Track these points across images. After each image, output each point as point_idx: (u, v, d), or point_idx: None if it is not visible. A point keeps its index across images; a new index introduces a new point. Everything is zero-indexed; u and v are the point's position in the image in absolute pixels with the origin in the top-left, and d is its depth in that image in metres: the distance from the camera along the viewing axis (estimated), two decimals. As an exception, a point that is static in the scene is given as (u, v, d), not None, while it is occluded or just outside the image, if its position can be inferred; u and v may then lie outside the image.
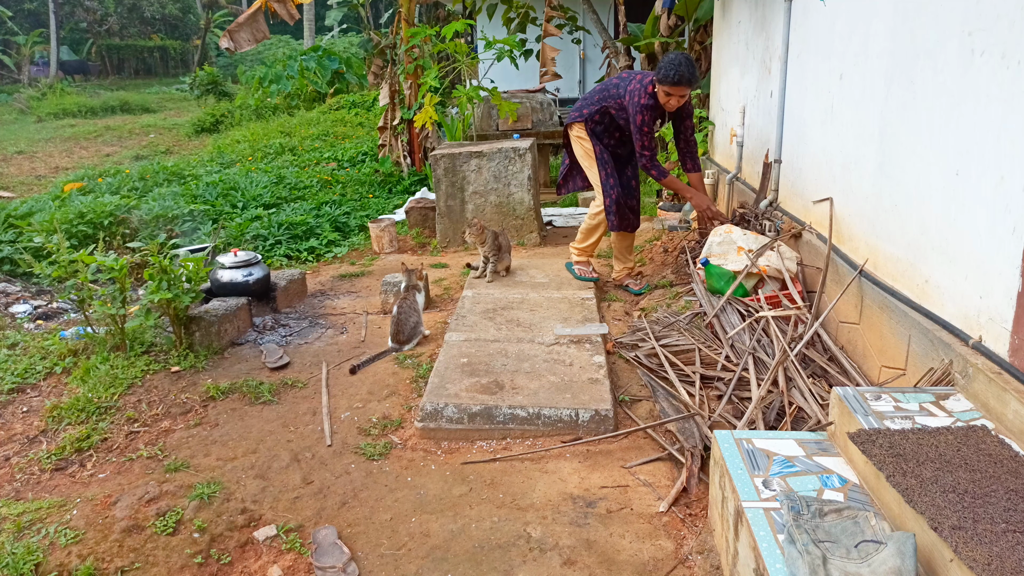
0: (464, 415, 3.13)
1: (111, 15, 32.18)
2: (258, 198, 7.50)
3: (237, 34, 6.92)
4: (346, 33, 27.16)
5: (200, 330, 3.97)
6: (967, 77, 2.36)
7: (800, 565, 1.68)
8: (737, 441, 2.32)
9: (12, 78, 27.70)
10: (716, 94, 6.24)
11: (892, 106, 2.88)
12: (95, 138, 14.67)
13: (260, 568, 2.41)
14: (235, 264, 4.52)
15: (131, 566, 2.35)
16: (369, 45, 20.34)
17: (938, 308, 2.54)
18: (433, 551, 2.44)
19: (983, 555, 1.54)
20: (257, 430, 3.23)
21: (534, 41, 8.35)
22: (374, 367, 3.84)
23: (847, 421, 2.23)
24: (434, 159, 6.01)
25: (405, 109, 8.12)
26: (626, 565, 2.34)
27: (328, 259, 6.16)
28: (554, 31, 7.60)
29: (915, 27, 2.70)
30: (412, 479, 2.86)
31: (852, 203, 3.29)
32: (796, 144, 4.11)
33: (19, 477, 2.87)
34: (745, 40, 5.15)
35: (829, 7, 3.57)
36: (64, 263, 3.77)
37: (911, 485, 1.80)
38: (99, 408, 3.31)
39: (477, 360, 3.56)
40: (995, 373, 2.15)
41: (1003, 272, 2.18)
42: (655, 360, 3.54)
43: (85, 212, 6.26)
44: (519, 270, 5.03)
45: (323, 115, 13.42)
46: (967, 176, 2.37)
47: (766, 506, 1.99)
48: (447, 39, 7.08)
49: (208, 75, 20.76)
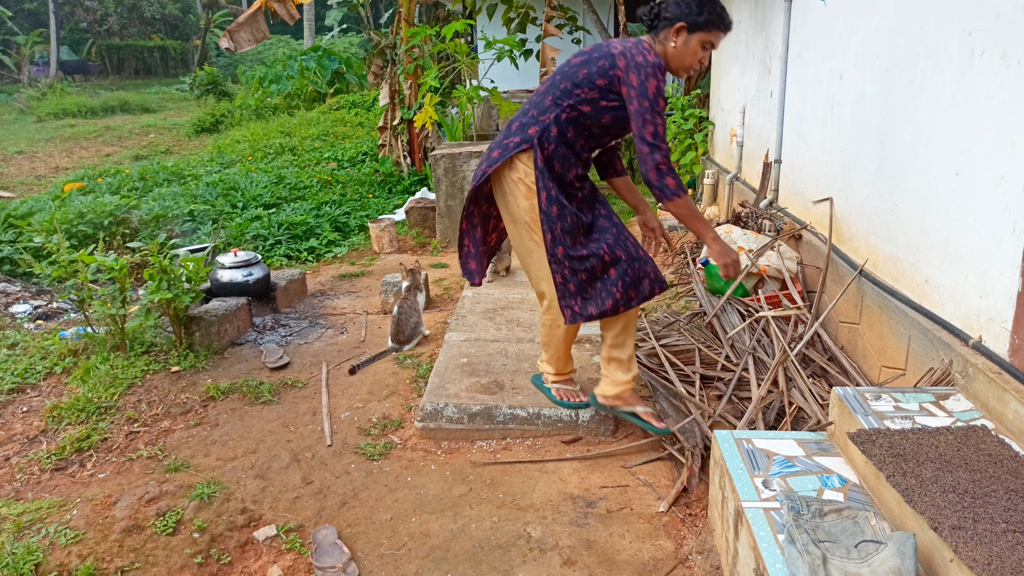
0: (464, 415, 3.13)
1: (111, 15, 32.17)
2: (258, 198, 7.50)
3: (237, 34, 6.92)
4: (346, 33, 27.16)
5: (200, 330, 3.97)
6: (967, 77, 2.36)
7: (800, 565, 1.68)
8: (737, 441, 2.32)
9: (12, 78, 27.70)
10: (716, 94, 6.24)
11: (892, 106, 2.88)
12: (95, 138, 14.67)
13: (260, 568, 2.41)
14: (235, 264, 4.52)
15: (131, 566, 2.35)
16: (369, 45, 20.34)
17: (938, 308, 2.54)
18: (433, 551, 2.44)
19: (983, 555, 1.54)
20: (257, 430, 3.23)
21: (534, 41, 8.34)
22: (374, 367, 3.84)
23: (847, 421, 2.23)
24: (434, 159, 6.01)
25: (405, 109, 8.12)
26: (626, 565, 2.34)
27: (328, 259, 6.16)
28: (554, 31, 7.60)
29: (915, 27, 2.70)
30: (412, 479, 2.86)
31: (852, 203, 3.29)
32: (796, 144, 4.11)
33: (19, 477, 2.87)
34: (745, 40, 5.15)
35: (829, 7, 3.57)
36: (64, 263, 3.77)
37: (911, 485, 1.80)
38: (99, 408, 3.31)
39: (477, 360, 3.56)
40: (995, 373, 2.15)
41: (1003, 272, 2.18)
42: (655, 360, 3.54)
43: (85, 212, 6.26)
44: (519, 270, 5.03)
45: (323, 115, 13.41)
46: (967, 176, 2.37)
47: (766, 506, 1.99)
48: (447, 39, 7.08)
49: (208, 75, 20.76)
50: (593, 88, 2.53)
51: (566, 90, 2.57)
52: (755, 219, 4.41)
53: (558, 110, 2.58)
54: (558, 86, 2.59)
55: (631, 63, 2.48)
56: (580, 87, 2.55)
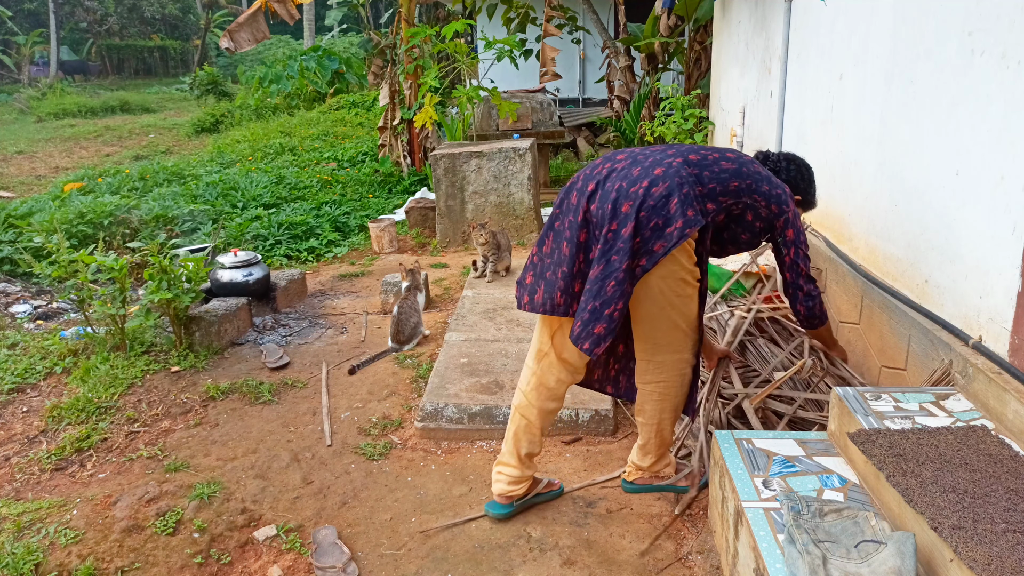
0: (464, 415, 3.13)
1: (111, 15, 32.16)
2: (258, 198, 7.50)
3: (237, 34, 6.92)
4: (346, 33, 27.16)
5: (200, 330, 3.97)
6: (967, 77, 2.36)
7: (800, 565, 1.68)
8: (737, 441, 2.32)
9: (12, 78, 27.69)
10: (716, 94, 6.24)
11: (892, 106, 2.88)
12: (95, 138, 14.66)
13: (260, 568, 2.40)
14: (235, 264, 4.51)
15: (131, 566, 2.35)
16: (369, 45, 20.34)
17: (938, 308, 2.54)
18: (433, 551, 2.44)
19: (983, 555, 1.54)
20: (257, 430, 3.23)
21: (534, 41, 8.35)
22: (374, 367, 3.84)
23: (847, 421, 2.23)
24: (434, 159, 6.01)
25: (405, 109, 8.12)
26: (626, 565, 2.34)
27: (328, 259, 6.16)
28: (554, 31, 7.60)
29: (915, 27, 2.70)
30: (412, 479, 2.86)
31: (852, 203, 3.29)
32: (796, 144, 4.11)
33: (19, 477, 2.87)
34: (745, 40, 5.15)
35: (829, 7, 3.57)
36: (64, 263, 3.77)
37: (911, 485, 1.80)
38: (99, 408, 3.31)
39: (477, 360, 3.56)
40: (995, 373, 2.15)
41: (1003, 272, 2.18)
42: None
43: (85, 212, 6.25)
44: (519, 270, 5.03)
45: (323, 115, 13.41)
46: (967, 176, 2.37)
47: (766, 506, 1.99)
48: (447, 39, 7.08)
49: (208, 75, 20.74)
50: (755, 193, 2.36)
51: (745, 185, 2.34)
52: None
53: (733, 198, 2.34)
54: (738, 171, 2.35)
55: (781, 201, 2.39)
56: (751, 190, 2.35)
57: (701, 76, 7.36)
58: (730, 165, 2.31)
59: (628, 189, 2.19)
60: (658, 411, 2.47)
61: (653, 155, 2.30)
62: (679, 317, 2.33)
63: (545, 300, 2.34)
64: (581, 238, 2.25)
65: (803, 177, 2.60)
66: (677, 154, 2.29)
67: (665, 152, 2.31)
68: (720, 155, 2.34)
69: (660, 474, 2.65)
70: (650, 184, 2.18)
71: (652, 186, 2.17)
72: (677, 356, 2.40)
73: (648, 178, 2.19)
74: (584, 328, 2.20)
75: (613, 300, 2.16)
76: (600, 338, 2.19)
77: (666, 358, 2.39)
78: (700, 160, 2.28)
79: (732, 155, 2.36)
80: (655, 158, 2.27)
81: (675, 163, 2.23)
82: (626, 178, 2.22)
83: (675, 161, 2.24)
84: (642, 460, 2.61)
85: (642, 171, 2.23)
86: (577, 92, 13.29)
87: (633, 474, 2.66)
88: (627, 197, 2.17)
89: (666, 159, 2.26)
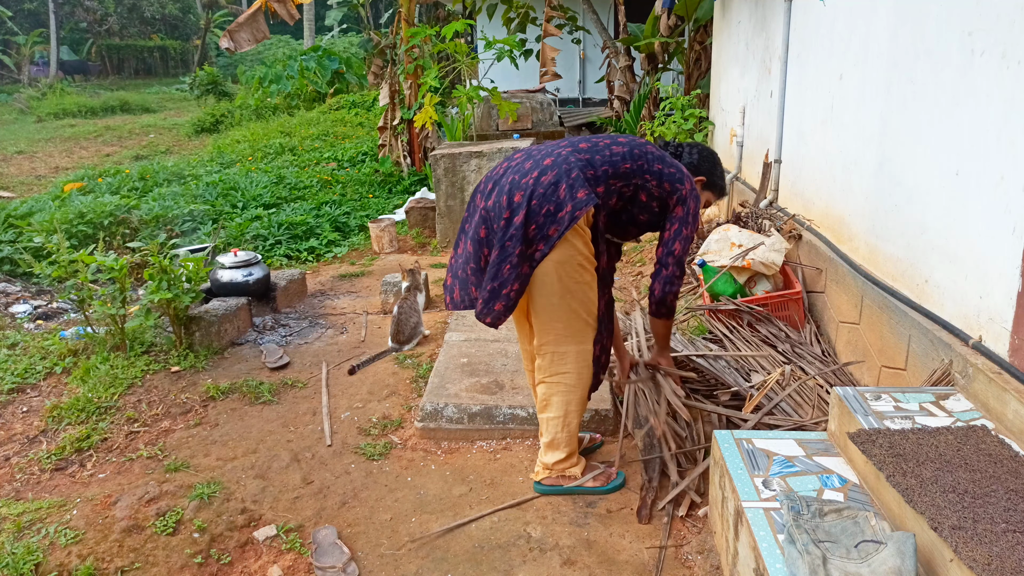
0: (464, 415, 3.13)
1: (111, 15, 32.15)
2: (258, 198, 7.50)
3: (237, 34, 6.92)
4: (346, 33, 27.16)
5: (200, 330, 3.97)
6: (967, 77, 2.36)
7: (800, 565, 1.68)
8: (737, 441, 2.32)
9: (12, 78, 27.69)
10: (716, 94, 6.24)
11: (892, 106, 2.88)
12: (95, 138, 14.66)
13: (260, 568, 2.40)
14: (235, 264, 4.52)
15: (131, 566, 2.35)
16: (369, 45, 20.34)
17: (938, 308, 2.54)
18: (433, 551, 2.44)
19: (983, 555, 1.54)
20: (257, 430, 3.23)
21: (534, 41, 8.35)
22: (374, 367, 3.84)
23: (847, 421, 2.23)
24: (434, 159, 6.01)
25: (405, 109, 8.12)
26: (626, 565, 2.34)
27: (328, 259, 6.16)
28: (554, 31, 7.60)
29: (915, 27, 2.70)
30: (412, 479, 2.86)
31: (852, 203, 3.29)
32: (796, 144, 4.11)
33: (19, 477, 2.87)
34: (745, 40, 5.15)
35: (829, 7, 3.57)
36: (64, 263, 3.77)
37: (911, 485, 1.80)
38: (99, 408, 3.30)
39: (477, 360, 3.56)
40: (995, 373, 2.15)
41: (1003, 272, 2.18)
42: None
43: (85, 212, 6.26)
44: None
45: (323, 115, 13.41)
46: (967, 176, 2.37)
47: (766, 506, 1.99)
48: (447, 39, 7.08)
49: (208, 75, 20.74)
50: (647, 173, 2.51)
51: (636, 167, 2.48)
52: (755, 219, 4.41)
53: (623, 180, 2.49)
54: (629, 152, 2.48)
55: (676, 185, 2.51)
56: (643, 170, 2.50)
57: (701, 76, 7.36)
58: (621, 148, 2.44)
59: (520, 180, 2.32)
60: (564, 403, 2.55)
61: (546, 148, 2.45)
62: (578, 305, 2.43)
63: (463, 297, 2.48)
64: (482, 234, 2.38)
65: (705, 159, 2.71)
66: (568, 144, 2.45)
67: (558, 144, 2.47)
68: (611, 140, 2.48)
69: (567, 473, 2.69)
70: (539, 174, 2.31)
71: (542, 175, 2.31)
72: (580, 347, 2.50)
73: (538, 168, 2.33)
74: (486, 305, 2.36)
75: (509, 281, 2.31)
76: (500, 314, 2.37)
77: (569, 348, 2.49)
78: (591, 147, 2.43)
79: (624, 139, 2.49)
80: (547, 151, 2.42)
81: (564, 152, 2.38)
82: (519, 171, 2.36)
83: (564, 151, 2.39)
84: (550, 457, 2.66)
85: (533, 163, 2.36)
86: (577, 92, 13.29)
87: (541, 473, 2.70)
88: (519, 188, 2.31)
89: (557, 150, 2.41)
